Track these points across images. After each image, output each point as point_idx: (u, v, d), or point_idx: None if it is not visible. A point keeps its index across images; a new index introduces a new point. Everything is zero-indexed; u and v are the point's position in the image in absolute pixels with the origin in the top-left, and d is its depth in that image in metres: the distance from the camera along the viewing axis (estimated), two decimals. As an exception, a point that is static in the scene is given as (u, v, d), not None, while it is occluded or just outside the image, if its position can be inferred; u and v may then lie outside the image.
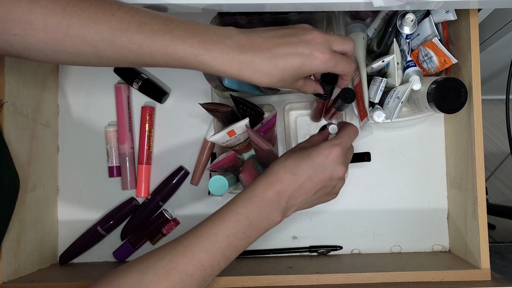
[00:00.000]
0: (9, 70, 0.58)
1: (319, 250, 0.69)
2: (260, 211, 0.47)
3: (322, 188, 0.49)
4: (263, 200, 0.47)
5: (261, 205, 0.47)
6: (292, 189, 0.47)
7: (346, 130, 0.51)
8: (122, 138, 0.70)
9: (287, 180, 0.47)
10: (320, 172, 0.48)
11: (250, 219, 0.47)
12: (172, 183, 0.69)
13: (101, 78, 0.71)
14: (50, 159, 0.69)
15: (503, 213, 1.03)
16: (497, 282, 0.57)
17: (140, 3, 0.50)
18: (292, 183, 0.47)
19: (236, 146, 0.64)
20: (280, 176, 0.48)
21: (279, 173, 0.48)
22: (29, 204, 0.62)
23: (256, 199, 0.47)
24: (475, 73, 0.58)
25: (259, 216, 0.47)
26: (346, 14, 0.66)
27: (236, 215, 0.47)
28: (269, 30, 0.48)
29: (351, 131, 0.52)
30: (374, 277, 0.58)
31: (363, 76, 0.61)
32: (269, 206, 0.47)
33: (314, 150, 0.48)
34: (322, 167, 0.48)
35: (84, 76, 0.72)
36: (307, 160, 0.48)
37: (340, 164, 0.48)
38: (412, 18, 0.58)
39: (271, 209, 0.48)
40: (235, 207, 0.48)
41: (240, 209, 0.47)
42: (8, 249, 0.58)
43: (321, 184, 0.48)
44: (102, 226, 0.68)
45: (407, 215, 0.70)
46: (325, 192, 0.50)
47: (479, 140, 0.58)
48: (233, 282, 0.57)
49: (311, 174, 0.48)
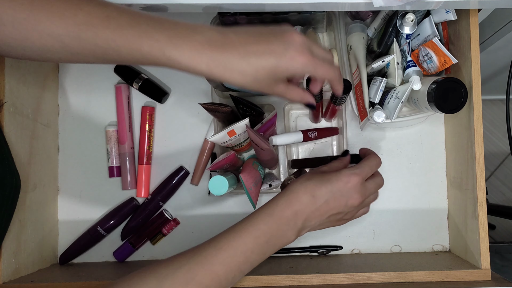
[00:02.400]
0: (9, 70, 0.58)
1: (319, 250, 0.69)
2: (278, 228, 0.48)
3: (336, 214, 0.50)
4: (282, 218, 0.48)
5: (279, 223, 0.48)
6: (309, 211, 0.48)
7: (368, 161, 0.51)
8: (122, 138, 0.70)
9: (306, 201, 0.48)
10: (337, 197, 0.48)
11: (268, 236, 0.47)
12: (172, 183, 0.69)
13: (101, 78, 0.71)
14: (50, 159, 0.69)
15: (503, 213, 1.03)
16: (497, 282, 0.57)
17: (139, 4, 0.50)
18: (310, 204, 0.48)
19: (236, 146, 0.64)
20: (300, 196, 0.48)
21: (299, 193, 0.48)
22: (29, 204, 0.62)
23: (276, 217, 0.48)
24: (475, 73, 0.58)
25: (276, 233, 0.48)
26: (346, 14, 0.66)
27: (257, 231, 0.47)
28: (246, 28, 0.46)
29: (373, 162, 0.52)
30: (374, 277, 0.58)
31: (363, 76, 0.61)
32: (286, 225, 0.48)
33: (334, 176, 0.49)
34: (339, 193, 0.48)
35: (85, 76, 0.72)
36: (327, 184, 0.48)
37: (357, 192, 0.49)
38: (412, 18, 0.58)
39: (288, 228, 0.48)
40: (256, 222, 0.48)
41: (260, 225, 0.47)
42: (8, 249, 0.58)
43: (336, 210, 0.49)
44: (102, 226, 0.68)
45: (407, 215, 0.70)
46: (338, 217, 0.51)
47: (479, 140, 0.58)
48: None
49: (329, 198, 0.48)
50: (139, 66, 0.71)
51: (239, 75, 0.44)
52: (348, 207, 0.49)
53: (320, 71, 0.46)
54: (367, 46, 0.65)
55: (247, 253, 0.46)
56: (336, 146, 0.70)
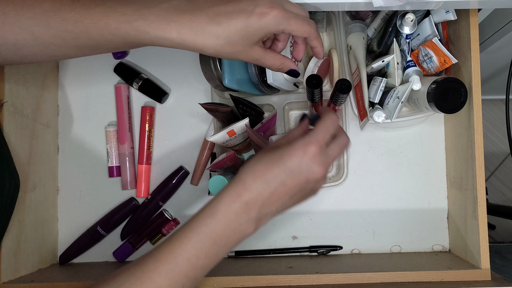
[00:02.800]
0: (9, 70, 0.58)
1: (319, 250, 0.69)
2: (226, 226, 0.42)
3: (299, 192, 0.44)
4: (229, 214, 0.42)
5: (226, 220, 0.42)
6: (263, 198, 0.42)
7: (323, 123, 0.45)
8: (122, 138, 0.70)
9: (256, 189, 0.42)
10: (294, 176, 0.42)
11: (214, 237, 0.42)
12: (172, 183, 0.69)
13: (101, 78, 0.71)
14: (50, 159, 0.69)
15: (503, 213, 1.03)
16: (497, 282, 0.56)
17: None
18: (263, 191, 0.42)
19: (236, 146, 0.64)
20: (248, 184, 0.42)
21: (247, 181, 0.42)
22: (29, 204, 0.62)
23: (220, 215, 0.42)
24: (475, 73, 0.58)
25: (225, 232, 0.42)
26: (346, 14, 0.66)
27: (197, 235, 0.42)
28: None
29: (329, 122, 0.45)
30: (374, 277, 0.58)
31: (363, 76, 0.61)
32: (236, 220, 0.42)
33: (286, 151, 0.42)
34: (296, 170, 0.42)
35: (84, 76, 0.72)
36: (279, 163, 0.42)
37: (318, 164, 0.42)
38: (412, 18, 0.58)
39: (240, 222, 0.42)
40: (196, 225, 0.42)
41: (201, 227, 0.42)
42: (8, 249, 0.58)
43: (296, 188, 0.43)
44: (102, 226, 0.68)
45: (407, 215, 0.70)
46: (302, 194, 0.45)
47: (479, 140, 0.58)
48: (233, 282, 0.57)
49: (284, 179, 0.42)
50: (139, 66, 0.71)
51: (211, 37, 0.43)
52: (310, 183, 0.43)
53: (294, 25, 0.44)
54: (367, 46, 0.65)
55: (192, 260, 0.42)
56: (336, 146, 0.70)
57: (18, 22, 0.43)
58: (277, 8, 0.43)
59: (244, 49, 0.44)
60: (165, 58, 0.71)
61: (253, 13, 0.43)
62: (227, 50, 0.44)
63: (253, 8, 0.43)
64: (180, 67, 0.71)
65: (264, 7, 0.43)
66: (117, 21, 0.43)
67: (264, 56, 0.46)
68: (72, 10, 0.43)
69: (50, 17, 0.43)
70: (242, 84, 0.62)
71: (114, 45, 0.45)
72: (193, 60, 0.70)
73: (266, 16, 0.43)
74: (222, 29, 0.43)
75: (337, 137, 0.46)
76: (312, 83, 0.52)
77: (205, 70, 0.62)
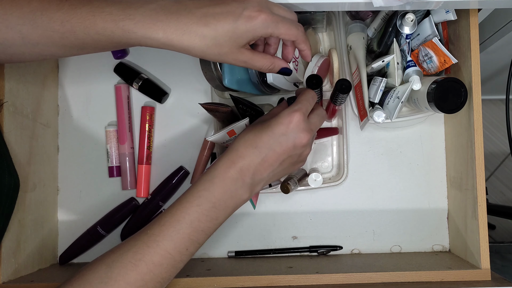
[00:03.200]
0: (9, 70, 0.58)
1: (319, 250, 0.69)
2: (223, 191, 0.46)
3: (288, 158, 0.47)
4: (226, 179, 0.46)
5: (223, 185, 0.46)
6: (255, 164, 0.46)
7: (304, 95, 0.49)
8: (122, 138, 0.70)
9: (249, 155, 0.46)
10: (282, 142, 0.46)
11: (213, 201, 0.45)
12: (172, 183, 0.69)
13: (101, 78, 0.71)
14: (50, 159, 0.69)
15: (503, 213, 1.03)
16: (497, 282, 0.56)
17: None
18: (255, 157, 0.46)
19: (236, 146, 0.64)
20: (241, 151, 0.46)
21: (240, 149, 0.46)
22: (29, 204, 0.62)
23: (217, 179, 0.46)
24: (475, 73, 0.58)
25: (223, 196, 0.46)
26: (346, 14, 0.66)
27: (198, 199, 0.45)
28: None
29: (310, 95, 0.49)
30: (374, 277, 0.58)
31: (363, 76, 0.61)
32: (232, 185, 0.46)
33: (273, 120, 0.46)
34: (284, 136, 0.46)
35: (84, 76, 0.72)
36: (267, 131, 0.46)
37: (302, 130, 0.46)
38: (412, 18, 0.58)
39: (236, 187, 0.46)
40: (196, 190, 0.46)
41: (201, 192, 0.46)
42: (8, 249, 0.58)
43: (285, 154, 0.47)
44: (102, 226, 0.68)
45: (407, 215, 0.70)
46: (291, 161, 0.48)
47: (479, 140, 0.58)
48: (233, 282, 0.57)
49: (273, 145, 0.46)
50: (139, 66, 0.71)
51: (198, 38, 0.43)
52: (298, 148, 0.47)
53: (282, 29, 0.45)
54: (367, 46, 0.65)
55: (194, 223, 0.45)
56: (336, 146, 0.70)
57: (6, 21, 0.43)
58: (265, 12, 0.44)
59: (231, 51, 0.45)
60: (165, 58, 0.71)
61: (241, 16, 0.43)
62: (214, 52, 0.44)
63: (241, 11, 0.43)
64: (180, 67, 0.71)
65: (253, 10, 0.43)
66: (104, 20, 0.43)
67: (252, 58, 0.47)
68: (59, 9, 0.43)
69: (38, 16, 0.43)
70: (242, 84, 0.62)
71: (102, 44, 0.45)
72: (193, 60, 0.70)
73: (254, 19, 0.43)
74: (209, 30, 0.43)
75: (315, 109, 0.50)
76: (312, 83, 0.53)
77: (205, 70, 0.62)
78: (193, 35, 0.43)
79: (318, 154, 0.70)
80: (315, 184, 0.64)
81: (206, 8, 0.43)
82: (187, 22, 0.43)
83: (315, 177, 0.64)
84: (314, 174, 0.64)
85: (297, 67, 0.62)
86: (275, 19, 0.44)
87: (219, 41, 0.43)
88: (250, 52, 0.47)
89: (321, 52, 0.70)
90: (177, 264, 0.46)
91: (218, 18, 0.43)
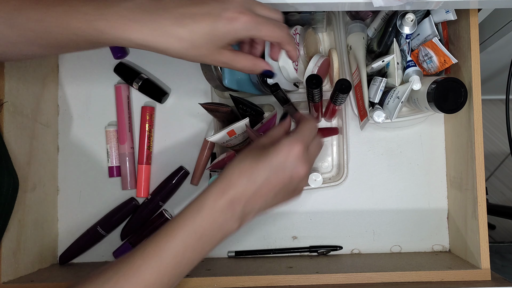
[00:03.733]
0: (9, 69, 0.58)
1: (319, 250, 0.69)
2: (211, 222, 0.42)
3: (283, 189, 0.44)
4: (214, 210, 0.42)
5: (212, 216, 0.42)
6: (248, 195, 0.43)
7: (307, 124, 0.46)
8: (122, 138, 0.70)
9: (241, 185, 0.42)
10: (279, 173, 0.43)
11: (199, 234, 0.42)
12: (172, 183, 0.69)
13: (101, 78, 0.71)
14: (50, 159, 0.69)
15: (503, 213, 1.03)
16: (497, 282, 0.57)
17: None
18: (248, 187, 0.42)
19: (236, 146, 0.64)
20: (234, 181, 0.43)
21: (233, 178, 0.43)
22: (29, 204, 0.62)
23: (205, 211, 0.42)
24: (475, 73, 0.58)
25: (211, 227, 0.43)
26: (346, 14, 0.66)
27: (183, 232, 0.42)
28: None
29: (312, 124, 0.46)
30: (374, 277, 0.58)
31: (363, 76, 0.61)
32: (221, 216, 0.43)
33: (272, 149, 0.43)
34: (281, 167, 0.43)
35: (84, 76, 0.72)
36: (264, 161, 0.43)
37: (302, 163, 0.43)
38: (412, 18, 0.58)
39: (225, 218, 0.43)
40: (182, 220, 0.43)
41: (188, 224, 0.42)
42: (8, 249, 0.58)
43: (280, 186, 0.44)
44: (102, 226, 0.68)
45: (407, 215, 0.70)
46: (286, 193, 0.46)
47: (479, 140, 0.58)
48: (233, 282, 0.57)
49: (269, 176, 0.43)
50: (139, 66, 0.71)
51: (175, 40, 0.41)
52: (295, 180, 0.44)
53: (264, 31, 0.43)
54: (367, 46, 0.65)
55: (178, 256, 0.42)
56: (336, 146, 0.70)
57: None
58: (247, 13, 0.42)
59: (210, 53, 0.43)
60: (165, 58, 0.71)
61: (220, 17, 0.41)
62: (192, 53, 0.43)
63: (220, 12, 0.42)
64: (180, 67, 0.71)
65: (233, 11, 0.42)
66: (78, 20, 0.41)
67: (233, 59, 0.45)
68: (35, 9, 0.42)
69: (15, 16, 0.42)
70: (242, 84, 0.62)
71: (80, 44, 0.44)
72: (193, 60, 0.70)
73: (234, 21, 0.42)
74: (187, 32, 0.41)
75: (315, 139, 0.48)
76: (312, 83, 0.52)
77: (205, 70, 0.62)
78: (169, 36, 0.41)
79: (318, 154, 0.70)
80: (315, 184, 0.64)
81: (185, 8, 0.42)
82: (163, 23, 0.41)
83: (315, 177, 0.64)
84: (314, 174, 0.64)
85: (297, 67, 0.62)
86: (257, 21, 0.42)
87: (197, 43, 0.42)
88: (230, 53, 0.45)
89: (321, 52, 0.70)
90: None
91: (196, 19, 0.41)
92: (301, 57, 0.63)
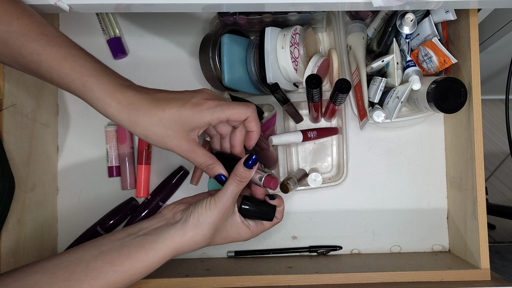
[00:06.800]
0: (9, 69, 0.58)
1: (319, 250, 0.69)
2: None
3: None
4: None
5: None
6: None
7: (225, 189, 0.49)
8: (121, 138, 0.70)
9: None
10: None
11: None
12: (172, 183, 0.69)
13: (100, 78, 0.71)
14: (50, 159, 0.69)
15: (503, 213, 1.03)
16: (497, 282, 0.57)
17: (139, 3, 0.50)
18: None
19: (236, 146, 0.64)
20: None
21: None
22: (28, 204, 0.62)
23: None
24: (475, 73, 0.58)
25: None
26: (346, 14, 0.66)
27: None
28: None
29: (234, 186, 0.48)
30: (374, 277, 0.58)
31: (363, 76, 0.61)
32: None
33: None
34: None
35: (84, 76, 0.71)
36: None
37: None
38: (412, 18, 0.58)
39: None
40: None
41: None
42: (8, 249, 0.58)
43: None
44: (102, 226, 0.68)
45: (407, 215, 0.70)
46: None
47: (479, 140, 0.58)
48: (233, 282, 0.57)
49: None
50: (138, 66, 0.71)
51: (145, 116, 0.45)
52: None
53: (228, 111, 0.46)
54: (366, 46, 0.65)
55: None
56: (335, 146, 0.70)
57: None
58: (212, 99, 0.46)
59: (175, 136, 0.45)
60: (165, 58, 0.71)
61: (188, 102, 0.45)
62: (158, 132, 0.45)
63: (190, 98, 0.45)
64: (180, 67, 0.71)
65: (200, 98, 0.46)
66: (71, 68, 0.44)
67: (194, 150, 0.47)
68: (35, 41, 0.44)
69: (12, 38, 0.44)
70: (242, 84, 0.62)
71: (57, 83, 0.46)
72: (193, 60, 0.70)
73: (199, 105, 0.45)
74: (157, 110, 0.45)
75: None
76: (311, 83, 0.53)
77: (205, 70, 0.62)
78: (142, 112, 0.44)
79: (318, 154, 0.70)
80: (314, 184, 0.64)
81: (162, 94, 0.46)
82: (141, 100, 0.45)
83: (314, 177, 0.64)
84: (314, 174, 0.64)
85: (297, 67, 0.62)
86: (221, 103, 0.46)
87: (165, 122, 0.45)
88: (194, 144, 0.47)
89: (320, 52, 0.70)
90: None
91: (168, 102, 0.45)
92: (301, 57, 0.63)
